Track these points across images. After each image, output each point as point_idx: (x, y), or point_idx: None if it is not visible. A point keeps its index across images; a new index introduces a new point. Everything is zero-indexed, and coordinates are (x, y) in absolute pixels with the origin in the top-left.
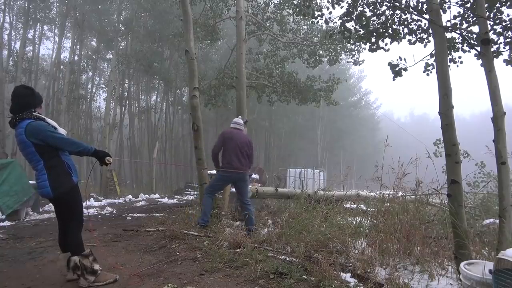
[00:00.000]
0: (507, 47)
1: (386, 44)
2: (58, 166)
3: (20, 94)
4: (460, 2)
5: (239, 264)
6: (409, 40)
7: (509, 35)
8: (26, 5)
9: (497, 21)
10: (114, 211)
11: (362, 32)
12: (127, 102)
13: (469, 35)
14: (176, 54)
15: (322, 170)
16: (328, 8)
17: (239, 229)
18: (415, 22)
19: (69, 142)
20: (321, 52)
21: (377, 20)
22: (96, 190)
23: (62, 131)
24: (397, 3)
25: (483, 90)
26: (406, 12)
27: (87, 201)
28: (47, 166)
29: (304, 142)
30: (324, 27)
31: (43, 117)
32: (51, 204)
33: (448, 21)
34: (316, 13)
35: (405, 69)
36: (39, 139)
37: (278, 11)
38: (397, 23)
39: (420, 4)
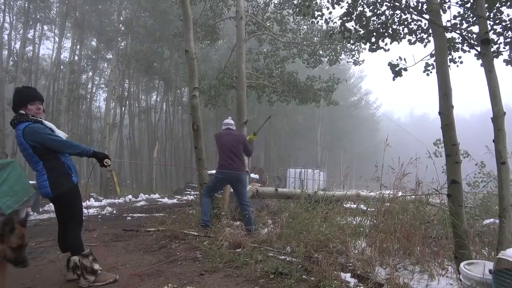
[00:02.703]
0: (507, 47)
1: (386, 44)
2: (58, 167)
3: (13, 97)
4: (460, 2)
5: (239, 264)
6: (409, 40)
7: (509, 35)
8: (26, 5)
9: (497, 21)
10: (114, 211)
11: (362, 32)
12: (127, 102)
13: (469, 35)
14: (176, 54)
15: (322, 170)
16: (328, 8)
17: (239, 229)
18: (415, 22)
19: (66, 144)
20: (321, 52)
21: (377, 20)
22: (96, 190)
23: (61, 134)
24: (397, 3)
25: (483, 90)
26: (406, 12)
27: (87, 201)
28: (47, 167)
29: (304, 142)
30: (324, 27)
31: (41, 119)
32: (51, 204)
33: (448, 21)
34: (316, 13)
35: (405, 69)
36: (36, 142)
37: (278, 11)
38: (397, 23)
39: (420, 4)
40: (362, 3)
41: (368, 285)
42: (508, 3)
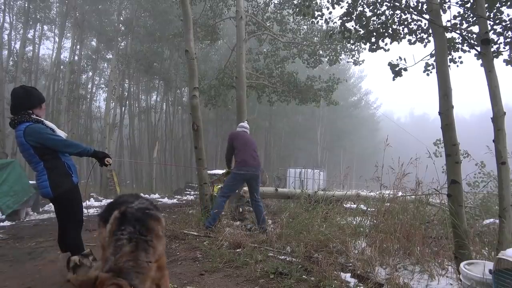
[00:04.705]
0: (507, 47)
1: (386, 44)
2: (58, 167)
3: (15, 96)
4: (460, 2)
5: (239, 264)
6: (409, 40)
7: (509, 35)
8: (26, 5)
9: (497, 21)
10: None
11: (362, 32)
12: (127, 102)
13: (469, 35)
14: (176, 54)
15: (322, 170)
16: (328, 8)
17: (239, 229)
18: (415, 22)
19: (67, 144)
20: (321, 52)
21: (377, 20)
22: (96, 190)
23: (61, 133)
24: (397, 3)
25: (483, 90)
26: (406, 12)
27: (87, 201)
28: (47, 167)
29: (304, 142)
30: (324, 27)
31: (42, 119)
32: (51, 204)
33: (448, 21)
34: (316, 13)
35: (405, 69)
36: (37, 142)
37: (278, 11)
38: (397, 23)
39: (420, 4)
40: (362, 3)
41: (368, 285)
42: (508, 3)
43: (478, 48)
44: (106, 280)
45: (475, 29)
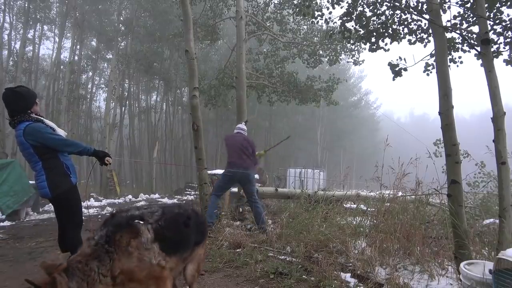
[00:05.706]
0: (507, 47)
1: (386, 44)
2: (57, 167)
3: (10, 101)
4: (460, 2)
5: (239, 264)
6: (409, 40)
7: (509, 35)
8: (26, 5)
9: (497, 21)
10: (114, 211)
11: (362, 32)
12: (127, 102)
13: (469, 35)
14: (176, 54)
15: (322, 170)
16: (328, 8)
17: (239, 229)
18: (415, 22)
19: (67, 143)
20: (321, 52)
21: (377, 20)
22: (96, 190)
23: (61, 132)
24: (397, 3)
25: (483, 90)
26: (406, 12)
27: (87, 201)
28: (46, 167)
29: (304, 142)
30: (324, 27)
31: (42, 118)
32: (51, 204)
33: (448, 21)
34: (316, 13)
35: (405, 69)
36: (37, 141)
37: (278, 11)
38: (397, 23)
39: (420, 4)
40: (362, 3)
41: (368, 285)
42: (508, 3)
43: (478, 48)
44: (57, 270)
45: (475, 29)
